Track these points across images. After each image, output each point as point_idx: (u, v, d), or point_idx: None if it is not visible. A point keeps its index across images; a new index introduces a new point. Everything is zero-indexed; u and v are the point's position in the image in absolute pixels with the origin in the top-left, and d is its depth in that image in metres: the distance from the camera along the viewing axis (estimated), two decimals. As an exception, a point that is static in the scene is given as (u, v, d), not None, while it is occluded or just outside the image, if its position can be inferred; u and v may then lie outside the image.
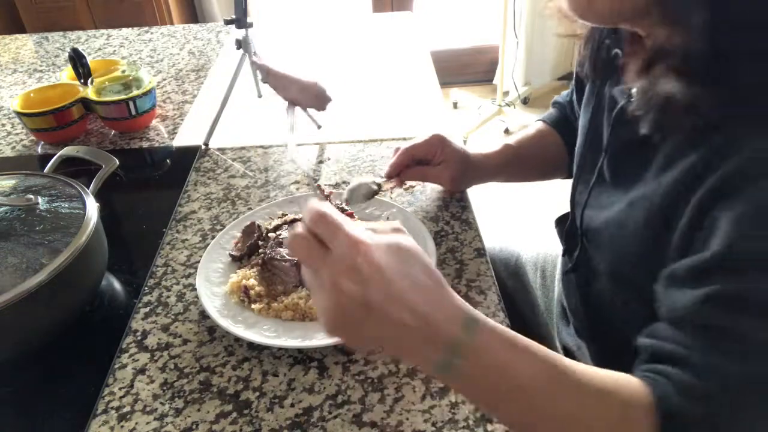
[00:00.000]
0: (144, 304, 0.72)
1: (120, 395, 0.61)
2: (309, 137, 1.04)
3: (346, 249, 0.40)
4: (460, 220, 0.82)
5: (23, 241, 0.63)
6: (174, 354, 0.65)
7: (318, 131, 1.05)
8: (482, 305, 0.68)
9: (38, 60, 1.44)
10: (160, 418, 0.59)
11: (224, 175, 0.96)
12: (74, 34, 1.59)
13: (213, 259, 0.75)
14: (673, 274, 0.46)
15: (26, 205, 0.68)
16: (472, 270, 0.73)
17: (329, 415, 0.58)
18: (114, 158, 0.83)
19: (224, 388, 0.61)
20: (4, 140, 1.10)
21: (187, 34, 1.54)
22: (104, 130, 1.11)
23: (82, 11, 2.74)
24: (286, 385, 0.61)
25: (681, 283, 0.45)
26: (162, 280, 0.75)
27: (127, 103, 1.04)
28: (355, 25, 1.53)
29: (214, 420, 0.58)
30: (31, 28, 2.75)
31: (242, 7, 0.98)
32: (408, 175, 0.82)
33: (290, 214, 0.81)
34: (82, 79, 1.10)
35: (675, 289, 0.46)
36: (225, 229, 0.79)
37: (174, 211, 0.88)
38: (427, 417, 0.57)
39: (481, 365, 0.41)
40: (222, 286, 0.71)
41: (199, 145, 1.04)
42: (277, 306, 0.68)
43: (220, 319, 0.65)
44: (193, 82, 1.27)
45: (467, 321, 0.41)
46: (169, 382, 0.62)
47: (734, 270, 0.42)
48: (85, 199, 0.70)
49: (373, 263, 0.39)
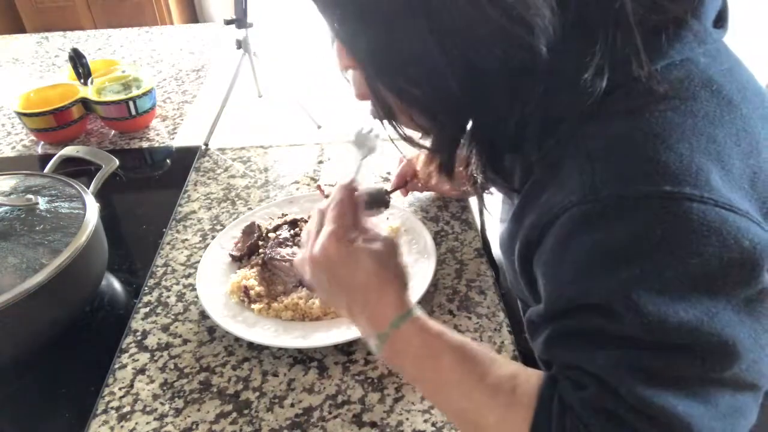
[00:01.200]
0: (144, 304, 0.72)
1: (120, 395, 0.61)
2: (309, 137, 1.04)
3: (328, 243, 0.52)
4: (460, 220, 0.82)
5: (23, 241, 0.63)
6: (174, 354, 0.65)
7: (318, 131, 1.05)
8: (482, 305, 0.68)
9: (38, 60, 1.44)
10: (160, 418, 0.59)
11: (224, 175, 0.96)
12: (74, 34, 1.59)
13: (213, 259, 0.75)
14: (530, 321, 0.51)
15: (26, 205, 0.68)
16: (472, 270, 0.73)
17: (329, 415, 0.58)
18: (114, 158, 0.83)
19: (224, 388, 0.61)
20: (4, 140, 1.10)
21: (187, 34, 1.54)
22: (104, 130, 1.11)
23: (82, 11, 2.75)
24: (286, 385, 0.61)
25: (536, 328, 0.50)
26: (162, 280, 0.75)
27: (127, 103, 1.04)
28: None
29: (214, 420, 0.58)
30: (31, 28, 2.75)
31: (242, 7, 0.98)
32: (413, 186, 0.83)
33: (290, 214, 0.81)
34: (82, 79, 1.10)
35: (535, 334, 0.50)
36: (225, 229, 0.79)
37: (174, 211, 0.88)
38: (427, 417, 0.57)
39: (396, 351, 0.50)
40: (222, 286, 0.71)
41: (199, 145, 1.04)
42: (277, 306, 0.68)
43: (220, 319, 0.65)
44: (193, 82, 1.27)
45: (398, 318, 0.50)
46: (169, 382, 0.62)
47: (560, 313, 0.46)
48: (85, 199, 0.70)
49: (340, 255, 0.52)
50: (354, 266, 0.52)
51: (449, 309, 0.68)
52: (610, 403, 0.41)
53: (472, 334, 0.65)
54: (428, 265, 0.70)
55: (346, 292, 0.52)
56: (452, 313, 0.68)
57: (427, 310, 0.68)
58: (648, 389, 0.40)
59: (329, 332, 0.64)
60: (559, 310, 0.46)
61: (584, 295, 0.43)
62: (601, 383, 0.42)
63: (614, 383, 0.41)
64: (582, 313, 0.44)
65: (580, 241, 0.42)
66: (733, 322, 0.39)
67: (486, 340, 0.64)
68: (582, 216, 0.41)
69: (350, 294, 0.52)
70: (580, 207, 0.41)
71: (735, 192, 0.40)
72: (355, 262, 0.51)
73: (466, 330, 0.66)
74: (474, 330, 0.66)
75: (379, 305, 0.51)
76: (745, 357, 0.40)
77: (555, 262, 0.45)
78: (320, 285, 0.54)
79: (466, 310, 0.68)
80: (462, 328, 0.66)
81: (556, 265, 0.45)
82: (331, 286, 0.53)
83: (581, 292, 0.43)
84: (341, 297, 0.53)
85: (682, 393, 0.40)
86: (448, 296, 0.70)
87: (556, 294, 0.46)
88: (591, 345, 0.44)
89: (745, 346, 0.40)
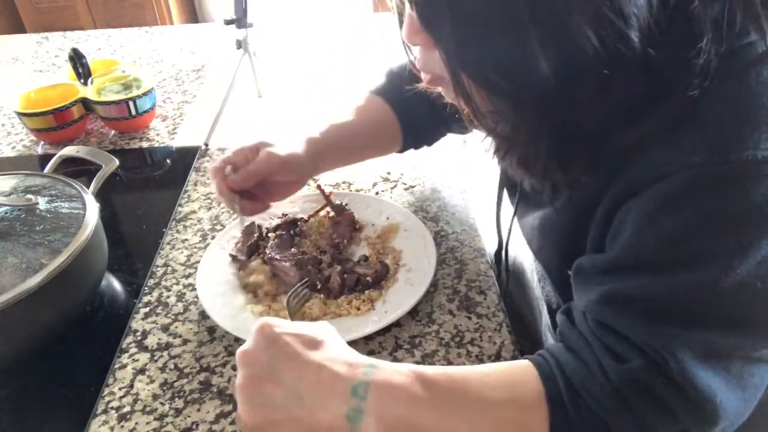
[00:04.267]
0: (144, 304, 0.72)
1: (120, 395, 0.61)
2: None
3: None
4: (460, 220, 0.82)
5: (23, 241, 0.63)
6: (174, 354, 0.65)
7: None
8: (482, 305, 0.68)
9: (38, 60, 1.44)
10: (160, 418, 0.59)
11: (224, 175, 0.95)
12: (74, 34, 1.59)
13: (213, 259, 0.75)
14: (581, 269, 0.49)
15: (26, 205, 0.68)
16: (472, 270, 0.73)
17: (329, 415, 0.58)
18: (114, 158, 0.83)
19: (224, 388, 0.61)
20: (4, 140, 1.10)
21: (187, 34, 1.54)
22: (104, 130, 1.11)
23: (82, 11, 2.75)
24: (286, 385, 0.61)
25: (587, 279, 0.49)
26: (162, 280, 0.75)
27: (127, 103, 1.04)
28: (355, 25, 1.53)
29: (214, 420, 0.58)
30: (31, 28, 2.75)
31: (242, 7, 0.98)
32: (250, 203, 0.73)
33: (290, 214, 0.81)
34: (82, 79, 1.10)
35: (582, 284, 0.49)
36: (225, 229, 0.80)
37: (174, 211, 0.88)
38: (427, 417, 0.57)
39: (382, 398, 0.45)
40: (222, 285, 0.71)
41: (199, 145, 1.04)
42: (277, 306, 0.68)
43: (220, 319, 0.65)
44: (193, 82, 1.27)
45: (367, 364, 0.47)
46: (169, 382, 0.62)
47: (627, 271, 0.45)
48: (85, 199, 0.70)
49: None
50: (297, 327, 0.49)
51: (449, 309, 0.68)
52: (655, 379, 0.42)
53: (472, 334, 0.65)
54: (428, 265, 0.70)
55: (294, 363, 0.46)
56: (452, 313, 0.68)
57: (427, 311, 0.68)
58: (703, 372, 0.41)
59: (329, 332, 0.64)
60: (630, 266, 0.44)
61: (675, 257, 0.42)
62: (648, 359, 0.42)
63: (665, 360, 0.41)
64: (658, 274, 0.43)
65: (695, 203, 0.41)
66: None
67: (486, 340, 0.64)
68: (708, 177, 0.40)
69: (299, 361, 0.46)
70: (706, 168, 0.40)
71: None
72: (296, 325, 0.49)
73: (466, 330, 0.66)
74: (474, 330, 0.66)
75: (335, 362, 0.46)
76: None
77: (651, 217, 0.43)
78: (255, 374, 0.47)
79: (466, 310, 0.68)
80: (462, 328, 0.66)
81: (652, 221, 0.43)
82: (272, 363, 0.46)
83: (672, 255, 0.42)
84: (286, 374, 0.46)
85: (725, 376, 0.41)
86: (448, 296, 0.70)
87: (638, 248, 0.44)
88: (654, 316, 0.43)
89: None
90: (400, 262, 0.73)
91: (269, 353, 0.47)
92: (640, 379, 0.42)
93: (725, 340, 0.42)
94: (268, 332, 0.48)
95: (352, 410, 0.44)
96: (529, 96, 0.44)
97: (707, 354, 0.42)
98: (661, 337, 0.42)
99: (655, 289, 0.43)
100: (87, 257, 0.65)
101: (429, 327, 0.66)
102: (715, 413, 0.41)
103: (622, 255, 0.45)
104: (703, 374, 0.41)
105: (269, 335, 0.48)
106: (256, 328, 0.49)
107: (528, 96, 0.44)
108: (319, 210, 0.81)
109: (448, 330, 0.66)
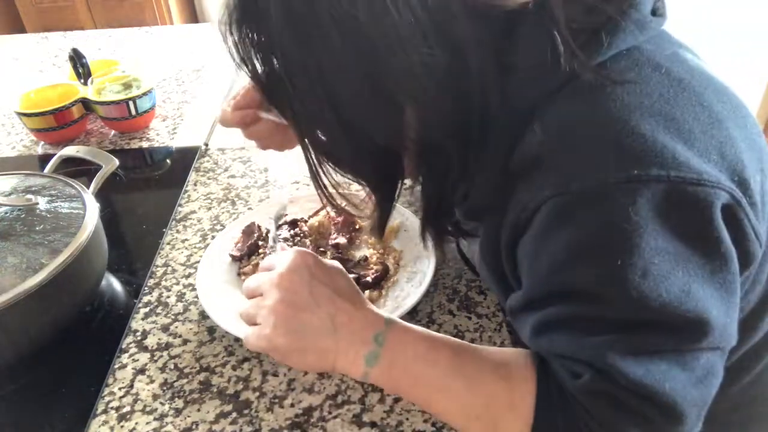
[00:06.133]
0: (144, 304, 0.72)
1: (120, 395, 0.61)
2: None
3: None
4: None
5: (23, 241, 0.63)
6: (174, 354, 0.65)
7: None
8: (482, 305, 0.68)
9: (38, 60, 1.44)
10: (160, 418, 0.59)
11: (224, 175, 0.96)
12: (74, 34, 1.59)
13: (213, 259, 0.75)
14: (511, 309, 0.52)
15: (26, 205, 0.68)
16: (472, 270, 0.73)
17: (329, 415, 0.58)
18: (114, 158, 0.83)
19: (224, 388, 0.61)
20: (4, 140, 1.10)
21: (187, 34, 1.54)
22: (104, 130, 1.11)
23: (82, 11, 2.75)
24: (286, 385, 0.61)
25: (518, 316, 0.51)
26: (162, 280, 0.75)
27: (127, 103, 1.04)
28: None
29: (214, 420, 0.58)
30: (31, 28, 2.75)
31: (242, 7, 0.97)
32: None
33: (290, 214, 0.81)
34: (82, 79, 1.10)
35: (517, 322, 0.52)
36: (225, 229, 0.80)
37: (174, 211, 0.88)
38: (427, 417, 0.57)
39: (393, 353, 0.52)
40: (222, 285, 0.71)
41: (199, 145, 1.04)
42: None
43: (220, 320, 0.65)
44: (193, 82, 1.27)
45: (387, 319, 0.53)
46: (169, 382, 0.62)
47: (539, 302, 0.47)
48: (85, 199, 0.70)
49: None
50: (333, 273, 0.55)
51: (449, 309, 0.68)
52: (607, 387, 0.43)
53: (472, 334, 0.65)
54: (428, 265, 0.70)
55: (331, 301, 0.53)
56: (452, 313, 0.68)
57: (427, 311, 0.68)
58: (637, 368, 0.42)
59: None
60: (538, 298, 0.47)
61: (565, 285, 0.44)
62: (594, 369, 0.43)
63: (605, 367, 0.43)
64: (564, 300, 0.44)
65: (557, 234, 0.43)
66: (705, 296, 0.41)
67: (486, 340, 0.64)
68: (556, 209, 0.42)
69: (335, 301, 0.53)
70: (554, 200, 0.42)
71: (705, 164, 0.40)
72: (332, 271, 0.55)
73: (466, 330, 0.66)
74: (474, 330, 0.66)
75: (364, 310, 0.53)
76: (717, 326, 0.42)
77: (535, 253, 0.45)
78: (296, 301, 0.52)
79: (466, 310, 0.68)
80: (462, 328, 0.66)
81: (536, 256, 0.45)
82: (313, 296, 0.52)
83: (562, 282, 0.44)
84: (323, 309, 0.52)
85: (665, 367, 0.42)
86: (448, 296, 0.70)
87: (537, 282, 0.46)
88: (577, 333, 0.45)
89: (715, 316, 0.41)
90: (400, 262, 0.73)
91: (311, 286, 0.53)
92: (596, 390, 0.43)
93: (645, 340, 0.42)
94: (310, 263, 0.54)
95: (371, 353, 0.51)
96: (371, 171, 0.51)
97: (637, 352, 0.42)
98: (592, 348, 0.44)
99: (566, 311, 0.45)
100: (87, 257, 0.65)
101: (429, 327, 0.66)
102: (672, 401, 0.42)
103: (529, 289, 0.48)
104: (640, 370, 0.42)
105: (311, 266, 0.54)
106: (295, 254, 0.55)
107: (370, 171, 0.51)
108: (319, 210, 0.81)
109: (448, 330, 0.66)
